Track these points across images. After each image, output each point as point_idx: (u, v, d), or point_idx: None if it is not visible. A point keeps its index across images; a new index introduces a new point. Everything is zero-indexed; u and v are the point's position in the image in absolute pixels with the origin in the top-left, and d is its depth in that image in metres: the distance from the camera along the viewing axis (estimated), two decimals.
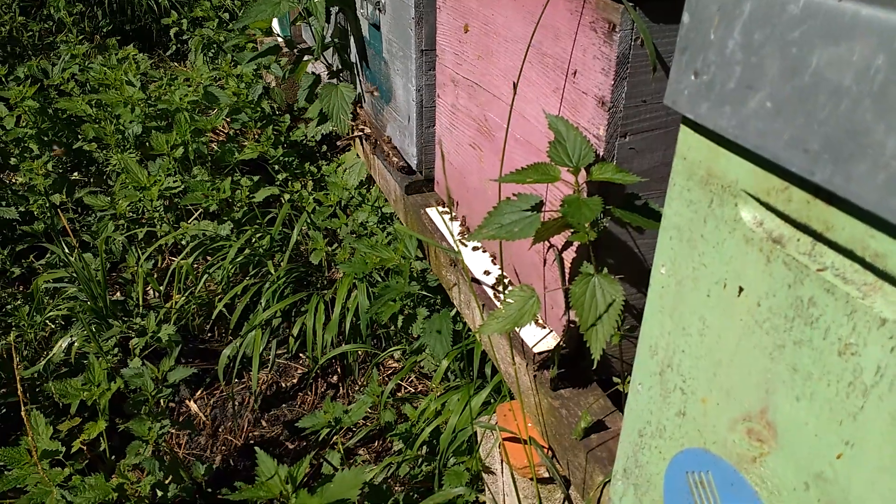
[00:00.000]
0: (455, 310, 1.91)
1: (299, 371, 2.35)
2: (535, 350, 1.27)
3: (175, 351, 1.82)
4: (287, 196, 2.70)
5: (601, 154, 1.03)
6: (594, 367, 1.01)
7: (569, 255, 1.17)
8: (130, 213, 2.75)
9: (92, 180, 3.25)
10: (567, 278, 1.18)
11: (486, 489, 1.56)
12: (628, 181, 0.91)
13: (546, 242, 1.24)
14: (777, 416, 0.64)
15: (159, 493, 1.55)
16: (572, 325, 1.21)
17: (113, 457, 1.76)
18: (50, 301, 2.41)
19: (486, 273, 1.51)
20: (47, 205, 2.75)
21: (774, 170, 0.60)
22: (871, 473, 0.55)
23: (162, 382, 1.70)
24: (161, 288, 2.52)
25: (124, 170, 2.64)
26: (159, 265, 2.71)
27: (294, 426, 2.10)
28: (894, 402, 0.52)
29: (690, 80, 0.66)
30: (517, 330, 1.34)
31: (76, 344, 2.12)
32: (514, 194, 1.08)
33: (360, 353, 2.26)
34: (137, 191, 2.57)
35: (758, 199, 0.63)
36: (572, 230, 1.12)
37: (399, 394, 2.12)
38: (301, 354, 2.39)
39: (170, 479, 1.65)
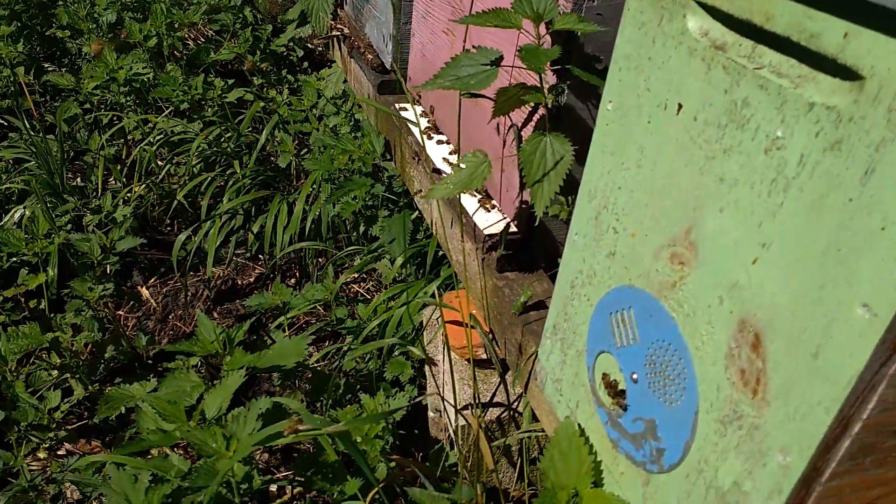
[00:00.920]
0: (416, 212, 1.89)
1: (257, 271, 2.32)
2: (486, 232, 1.26)
3: (127, 222, 1.77)
4: (261, 103, 2.63)
5: (570, 11, 0.99)
6: (537, 222, 1.00)
7: (527, 133, 1.14)
8: (99, 102, 2.66)
9: (64, 71, 3.14)
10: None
11: (428, 379, 1.56)
12: (589, 30, 0.89)
13: (506, 122, 1.21)
14: (700, 234, 0.63)
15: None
16: (524, 206, 1.20)
17: (53, 314, 1.73)
18: (5, 177, 2.34)
19: (448, 163, 1.48)
20: (12, 78, 2.65)
21: None
22: (784, 269, 0.54)
23: (110, 250, 1.67)
24: (123, 178, 2.46)
25: (93, 55, 2.55)
26: (123, 157, 2.64)
27: (244, 318, 2.08)
28: (813, 190, 0.51)
29: None
30: (470, 213, 1.32)
31: (27, 214, 2.06)
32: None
33: (319, 260, 2.24)
34: (105, 73, 2.48)
35: (704, 6, 0.61)
36: (532, 105, 1.09)
37: (357, 298, 2.11)
38: (260, 256, 2.36)
39: (112, 345, 1.63)
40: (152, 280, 2.22)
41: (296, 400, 1.46)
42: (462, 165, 1.08)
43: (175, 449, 1.44)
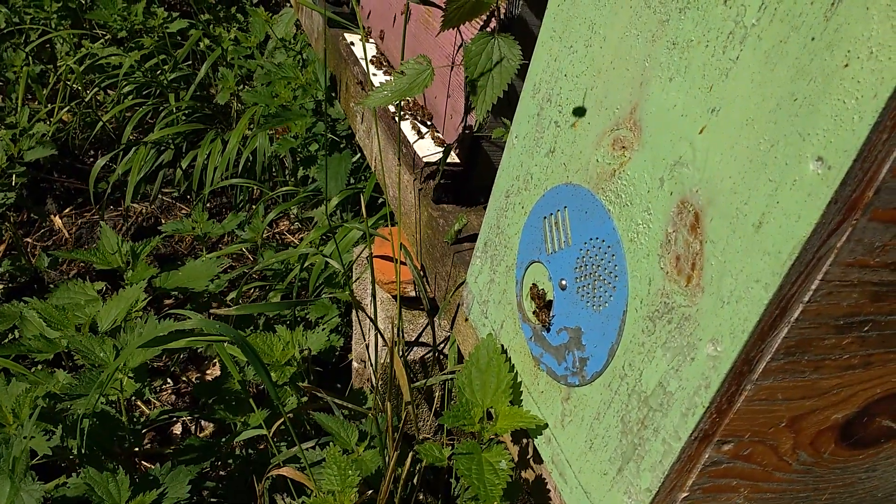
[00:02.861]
0: (357, 156, 1.80)
1: (184, 211, 2.18)
2: (426, 160, 1.18)
3: (40, 134, 1.62)
4: (206, 41, 2.48)
5: None
6: (476, 129, 0.92)
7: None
8: (29, 22, 2.46)
9: None
10: None
11: (354, 326, 1.47)
12: None
13: (455, 42, 1.13)
14: (645, 112, 0.57)
15: None
16: (467, 132, 1.12)
17: None
18: None
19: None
20: None
21: None
22: (732, 134, 0.48)
23: (18, 159, 1.51)
24: (46, 103, 2.27)
25: None
26: (50, 81, 2.45)
27: (166, 259, 1.94)
28: (773, 36, 0.45)
29: None
30: (410, 142, 1.24)
31: None
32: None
33: (254, 207, 2.12)
34: None
35: None
36: (483, 18, 1.02)
37: (290, 246, 2.00)
38: (189, 196, 2.22)
39: (6, 260, 1.48)
40: (67, 209, 2.06)
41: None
42: (403, 71, 1.00)
43: (71, 361, 1.32)
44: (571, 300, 0.67)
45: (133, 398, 1.32)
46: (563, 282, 0.68)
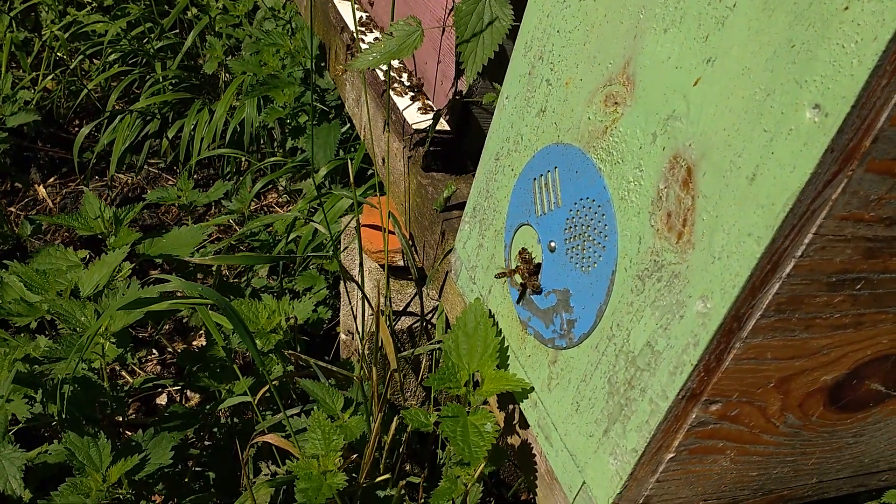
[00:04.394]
0: (347, 126, 1.77)
1: (171, 183, 2.15)
2: (415, 127, 1.16)
3: (23, 101, 1.58)
4: (194, 11, 2.43)
5: None
6: (467, 94, 0.91)
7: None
8: None
9: None
10: None
11: (342, 297, 1.46)
12: None
13: (446, 5, 1.11)
14: (638, 66, 0.55)
15: None
16: (458, 98, 1.10)
17: None
18: None
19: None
20: None
21: None
22: (728, 84, 0.47)
23: (0, 125, 1.48)
24: (30, 71, 2.22)
25: None
26: (35, 48, 2.39)
27: (152, 229, 1.92)
28: None
29: None
30: (400, 109, 1.21)
31: None
32: None
33: (241, 179, 2.09)
34: None
35: None
36: None
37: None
38: (175, 168, 2.18)
39: None
40: (52, 179, 2.02)
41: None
42: (392, 33, 0.98)
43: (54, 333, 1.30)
44: (560, 262, 0.66)
45: (117, 366, 1.31)
46: (553, 244, 0.67)
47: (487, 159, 0.81)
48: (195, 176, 2.12)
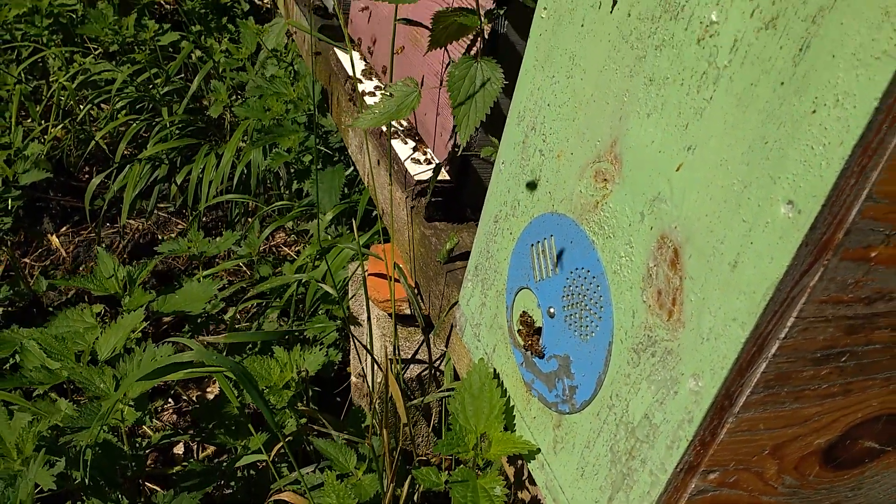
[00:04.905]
0: (351, 169, 1.80)
1: (180, 226, 2.19)
2: (417, 178, 1.19)
3: (35, 156, 1.63)
4: (198, 52, 2.49)
5: None
6: (460, 151, 0.93)
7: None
8: (22, 38, 2.46)
9: None
10: None
11: (351, 342, 1.48)
12: None
13: (443, 60, 1.14)
14: (624, 146, 0.58)
15: None
16: (457, 149, 1.13)
17: None
18: None
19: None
20: None
21: None
22: (707, 173, 0.49)
23: (13, 183, 1.52)
24: (40, 120, 2.28)
25: None
26: (43, 97, 2.45)
27: (163, 276, 1.95)
28: (744, 78, 0.46)
29: None
30: (401, 160, 1.25)
31: None
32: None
33: (249, 220, 2.13)
34: (28, 2, 2.30)
35: None
36: (470, 38, 1.03)
37: (286, 258, 2.01)
38: (184, 211, 2.22)
39: (5, 286, 1.49)
40: (64, 228, 2.07)
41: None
42: (390, 94, 1.01)
43: (73, 395, 1.33)
44: (560, 328, 0.68)
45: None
46: (552, 309, 0.69)
47: (487, 220, 0.83)
48: (204, 218, 2.16)
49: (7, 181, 1.48)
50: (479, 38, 0.98)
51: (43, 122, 2.30)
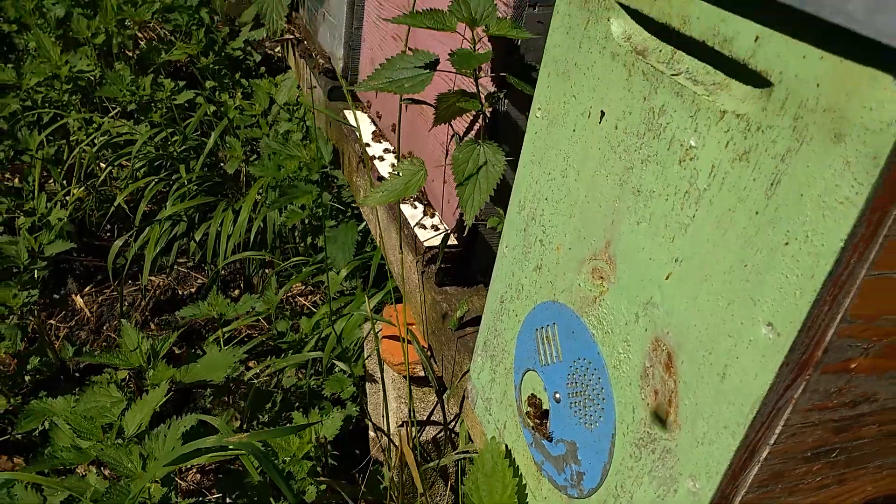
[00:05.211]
0: (363, 224, 1.85)
1: (199, 281, 2.25)
2: (426, 244, 1.23)
3: (59, 225, 1.69)
4: (212, 108, 2.57)
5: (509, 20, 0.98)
6: (465, 233, 0.97)
7: (471, 137, 1.12)
8: (42, 100, 2.56)
9: (10, 66, 3.03)
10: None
11: (368, 397, 1.51)
12: (521, 36, 0.87)
13: (448, 132, 1.18)
14: (618, 249, 0.61)
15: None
16: (463, 219, 1.17)
17: None
18: None
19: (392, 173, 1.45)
20: None
21: None
22: (694, 286, 0.52)
23: (39, 255, 1.58)
24: (62, 181, 2.36)
25: (38, 48, 2.46)
26: (65, 158, 2.54)
27: (185, 335, 2.00)
28: (722, 203, 0.49)
29: None
30: (411, 225, 1.29)
31: None
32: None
33: (266, 272, 2.18)
34: (48, 70, 2.39)
35: (628, 8, 0.59)
36: (473, 114, 1.07)
37: (302, 311, 2.05)
38: (203, 265, 2.28)
39: (36, 355, 1.54)
40: (88, 288, 2.13)
41: (227, 417, 1.40)
42: (398, 173, 1.05)
43: (101, 468, 1.37)
44: (566, 414, 0.70)
45: None
46: (557, 395, 0.72)
47: (494, 299, 0.87)
48: (223, 271, 2.22)
49: (33, 252, 1.54)
50: (480, 118, 1.02)
51: (65, 182, 2.38)
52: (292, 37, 2.23)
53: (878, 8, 0.36)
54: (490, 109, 1.00)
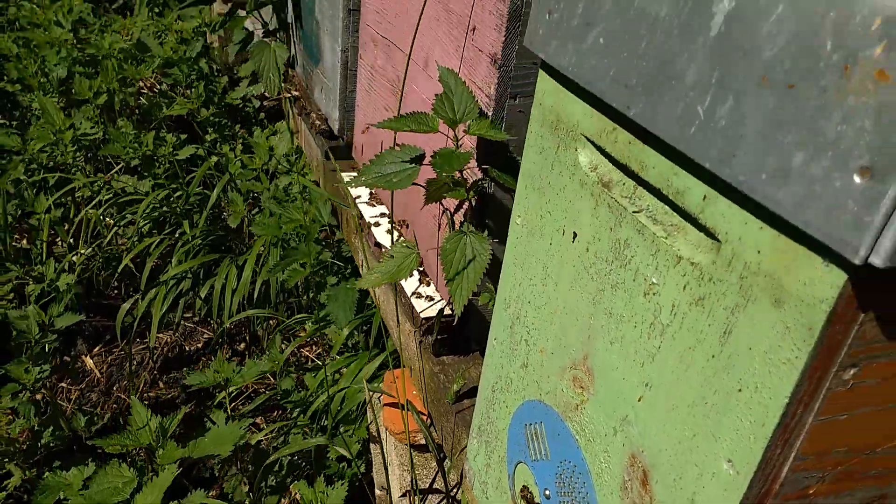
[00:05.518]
0: None
1: (205, 336, 2.29)
2: (423, 315, 1.26)
3: (68, 296, 1.74)
4: (213, 159, 2.63)
5: (490, 115, 1.02)
6: (455, 322, 1.01)
7: (459, 218, 1.16)
8: (47, 161, 2.63)
9: (14, 124, 3.10)
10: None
11: (373, 456, 1.54)
12: (499, 137, 0.91)
13: (440, 206, 1.23)
14: (595, 363, 0.65)
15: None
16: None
17: None
18: None
19: (387, 240, 1.49)
20: None
21: (605, 110, 0.60)
22: (663, 413, 0.56)
23: (49, 328, 1.63)
24: (69, 239, 2.42)
25: (42, 112, 2.53)
26: (71, 216, 2.60)
27: (192, 394, 2.04)
28: (683, 340, 0.53)
29: (545, 19, 0.66)
30: (408, 294, 1.32)
31: None
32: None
33: (270, 323, 2.22)
34: (52, 134, 2.46)
35: (593, 142, 0.63)
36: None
37: (306, 364, 2.09)
38: (209, 319, 2.32)
39: (50, 428, 1.58)
40: (97, 348, 2.17)
41: (235, 483, 1.43)
42: (391, 255, 1.09)
43: None
44: None
45: None
46: (547, 492, 0.75)
47: (486, 387, 0.90)
48: (228, 326, 2.26)
49: (43, 326, 1.59)
50: (467, 204, 1.07)
51: (72, 241, 2.44)
52: (290, 95, 2.29)
53: (804, 204, 0.40)
54: (476, 198, 1.05)
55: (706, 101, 0.47)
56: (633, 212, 0.58)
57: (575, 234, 0.66)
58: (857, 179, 0.37)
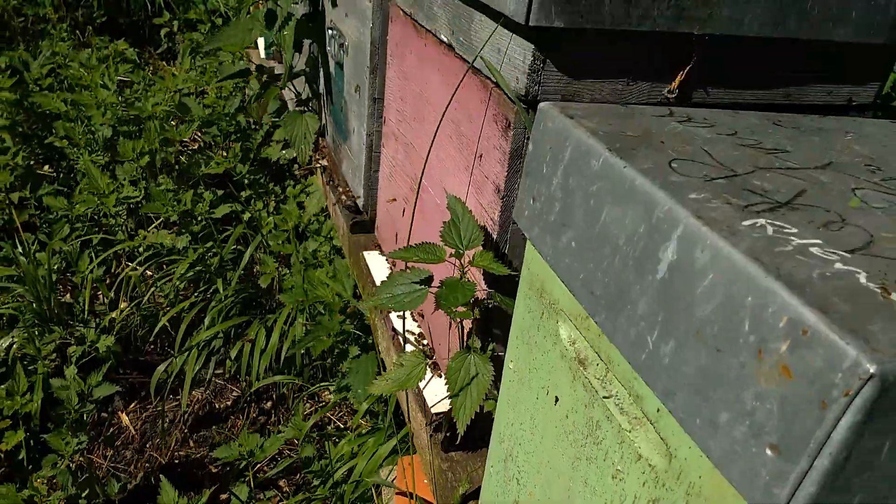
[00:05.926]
0: None
1: (235, 393, 2.38)
2: (434, 411, 1.32)
3: (106, 366, 1.85)
4: (247, 215, 2.75)
5: (495, 238, 1.09)
6: (458, 441, 1.06)
7: (468, 324, 1.22)
8: (90, 219, 2.78)
9: (61, 175, 3.29)
10: (465, 344, 1.24)
11: None
12: (501, 272, 0.97)
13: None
14: None
15: None
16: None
17: (31, 467, 1.79)
18: None
19: (405, 331, 1.56)
20: (7, 201, 2.78)
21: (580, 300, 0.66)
22: None
23: (88, 397, 1.74)
24: (110, 294, 2.56)
25: (87, 173, 2.69)
26: (113, 270, 2.75)
27: (221, 465, 2.13)
28: None
29: (530, 204, 0.73)
30: (420, 387, 1.39)
31: (15, 345, 2.15)
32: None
33: (297, 381, 2.30)
34: (96, 196, 2.61)
35: (571, 322, 0.69)
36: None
37: (328, 428, 2.16)
38: (238, 377, 2.42)
39: (86, 492, 1.68)
40: (132, 405, 2.28)
41: None
42: (401, 364, 1.16)
43: None
44: None
45: None
46: None
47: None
48: (253, 388, 2.35)
49: (82, 395, 1.69)
50: (472, 321, 1.13)
51: (112, 295, 2.57)
52: (319, 165, 2.40)
53: (728, 459, 0.45)
54: (479, 315, 1.11)
55: (654, 335, 0.52)
56: (604, 397, 0.63)
57: (556, 399, 0.72)
58: (769, 453, 0.42)
